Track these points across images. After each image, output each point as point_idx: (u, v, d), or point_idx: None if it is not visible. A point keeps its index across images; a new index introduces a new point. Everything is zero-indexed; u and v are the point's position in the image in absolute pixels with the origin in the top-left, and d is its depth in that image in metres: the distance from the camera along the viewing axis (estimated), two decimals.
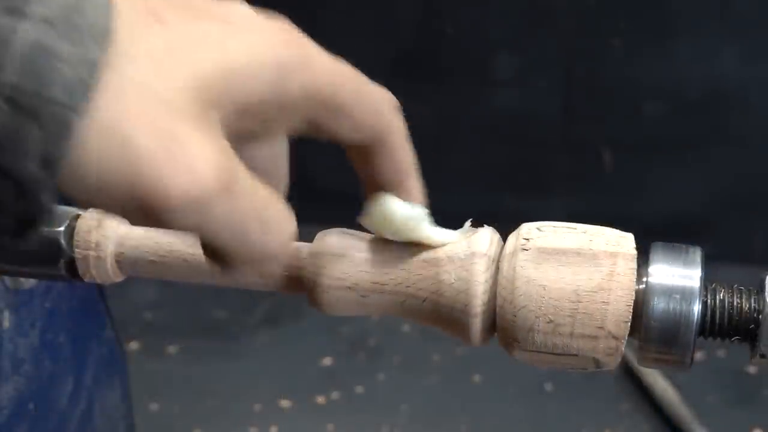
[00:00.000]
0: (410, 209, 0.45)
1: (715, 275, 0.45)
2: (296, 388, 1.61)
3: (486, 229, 0.47)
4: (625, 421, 1.54)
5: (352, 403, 1.59)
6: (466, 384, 1.62)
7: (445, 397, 1.59)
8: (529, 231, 0.45)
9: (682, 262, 0.44)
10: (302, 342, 1.71)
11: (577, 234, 0.45)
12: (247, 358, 1.69)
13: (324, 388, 1.61)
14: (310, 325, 1.73)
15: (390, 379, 1.63)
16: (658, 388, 1.54)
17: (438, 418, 1.56)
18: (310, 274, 0.47)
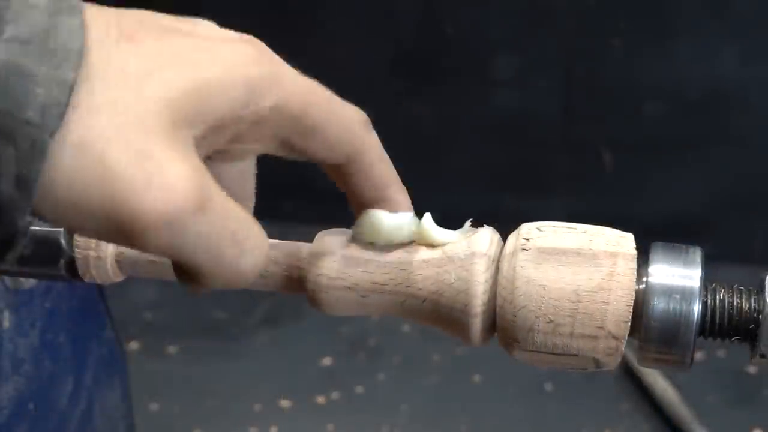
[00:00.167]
0: (397, 218, 0.45)
1: (715, 275, 0.45)
2: (296, 388, 1.61)
3: (486, 229, 0.47)
4: (625, 421, 1.54)
5: (352, 403, 1.59)
6: (466, 384, 1.62)
7: (445, 397, 1.59)
8: (529, 231, 0.45)
9: (682, 262, 0.44)
10: (302, 342, 1.71)
11: (577, 234, 0.45)
12: (247, 358, 1.69)
13: (324, 388, 1.61)
14: (310, 325, 1.73)
15: (390, 379, 1.63)
16: (658, 388, 1.54)
17: (438, 418, 1.56)
18: (310, 274, 0.47)
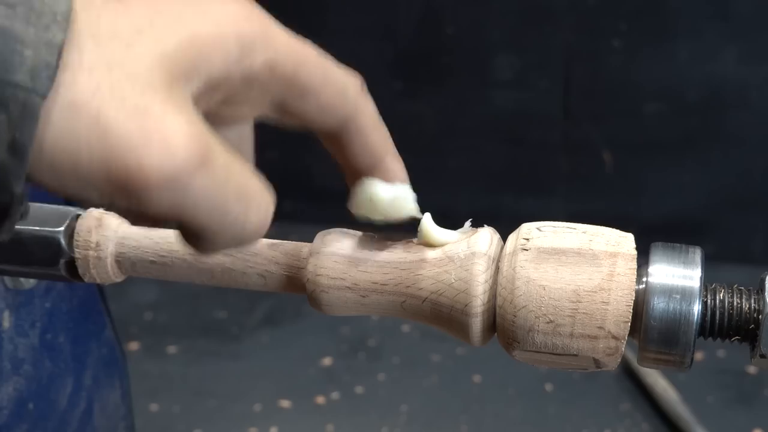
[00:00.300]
0: (394, 189, 0.45)
1: (715, 275, 0.45)
2: (296, 388, 1.61)
3: (486, 229, 0.47)
4: (625, 421, 1.54)
5: (352, 403, 1.59)
6: (466, 384, 1.62)
7: (445, 397, 1.59)
8: (529, 231, 0.45)
9: (682, 262, 0.44)
10: (302, 342, 1.71)
11: (577, 234, 0.45)
12: (247, 358, 1.69)
13: (324, 388, 1.61)
14: (310, 325, 1.73)
15: (390, 379, 1.63)
16: (658, 388, 1.54)
17: (438, 418, 1.56)
18: (310, 274, 0.47)
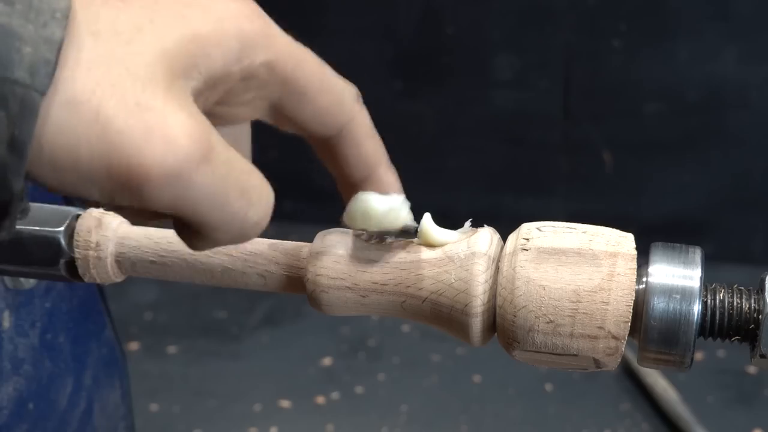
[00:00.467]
0: (389, 201, 0.45)
1: (715, 275, 0.45)
2: (296, 388, 1.61)
3: (486, 229, 0.47)
4: (625, 421, 1.54)
5: (352, 403, 1.59)
6: (466, 384, 1.62)
7: (445, 397, 1.59)
8: (529, 231, 0.45)
9: (682, 262, 0.44)
10: (302, 342, 1.71)
11: (577, 234, 0.45)
12: (247, 358, 1.69)
13: (324, 388, 1.61)
14: (310, 325, 1.73)
15: (390, 379, 1.63)
16: (658, 388, 1.54)
17: (438, 418, 1.56)
18: (310, 275, 0.47)
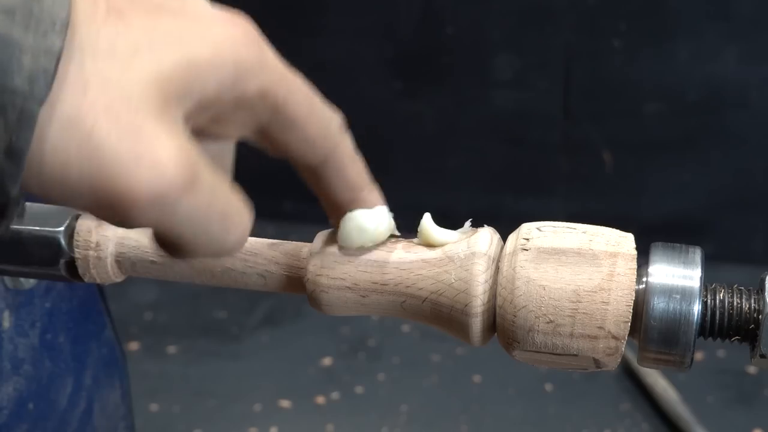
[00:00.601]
0: (376, 215, 0.46)
1: (715, 275, 0.45)
2: (296, 388, 1.61)
3: (486, 229, 0.47)
4: (625, 421, 1.54)
5: (352, 403, 1.59)
6: (466, 384, 1.62)
7: (445, 397, 1.59)
8: (529, 231, 0.45)
9: (682, 262, 0.44)
10: (302, 342, 1.71)
11: (577, 234, 0.45)
12: (247, 358, 1.69)
13: (324, 388, 1.61)
14: (310, 325, 1.73)
15: (390, 379, 1.63)
16: (658, 388, 1.54)
17: (438, 418, 1.56)
18: (310, 274, 0.47)
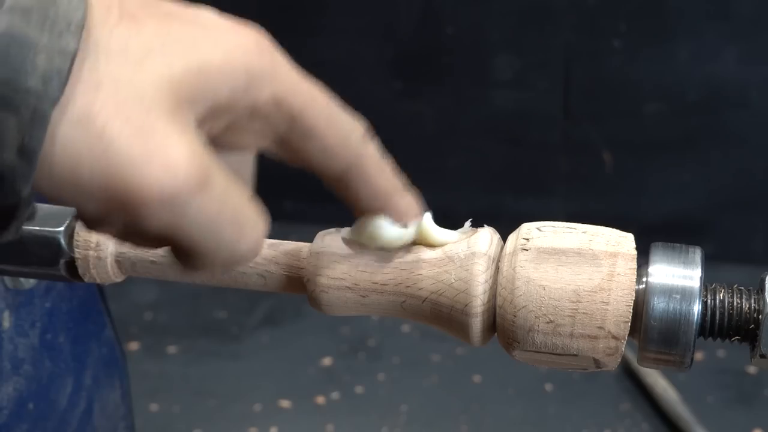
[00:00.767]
0: (398, 230, 0.45)
1: (715, 275, 0.45)
2: (296, 388, 1.61)
3: (486, 229, 0.47)
4: (625, 421, 1.54)
5: (352, 403, 1.59)
6: (466, 384, 1.62)
7: (445, 397, 1.59)
8: (529, 231, 0.45)
9: (682, 262, 0.44)
10: (302, 342, 1.71)
11: (577, 234, 0.45)
12: (247, 358, 1.69)
13: (324, 388, 1.61)
14: (310, 325, 1.73)
15: (390, 379, 1.63)
16: (658, 388, 1.54)
17: (438, 418, 1.56)
18: (310, 275, 0.47)
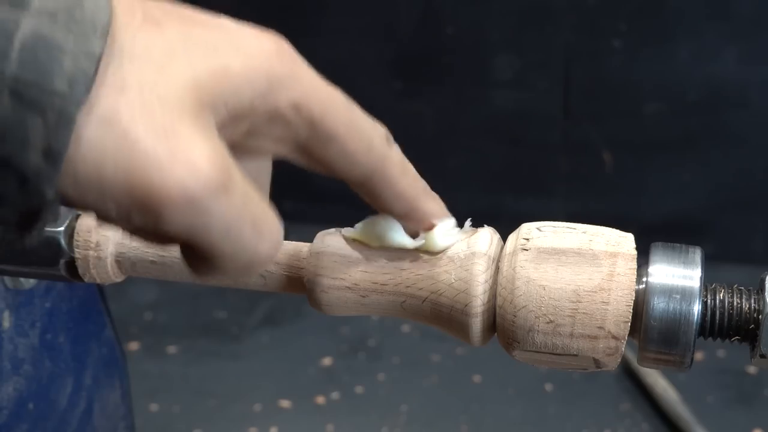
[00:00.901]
0: (407, 239, 0.45)
1: (715, 275, 0.45)
2: (296, 388, 1.61)
3: (486, 229, 0.47)
4: (625, 421, 1.54)
5: (352, 403, 1.59)
6: (466, 384, 1.61)
7: (445, 397, 1.59)
8: (529, 231, 0.45)
9: (682, 262, 0.44)
10: (302, 342, 1.71)
11: (577, 234, 0.45)
12: (247, 358, 1.69)
13: (324, 388, 1.61)
14: (310, 325, 1.73)
15: (390, 379, 1.63)
16: (658, 388, 1.54)
17: (438, 418, 1.56)
18: (310, 275, 0.47)
